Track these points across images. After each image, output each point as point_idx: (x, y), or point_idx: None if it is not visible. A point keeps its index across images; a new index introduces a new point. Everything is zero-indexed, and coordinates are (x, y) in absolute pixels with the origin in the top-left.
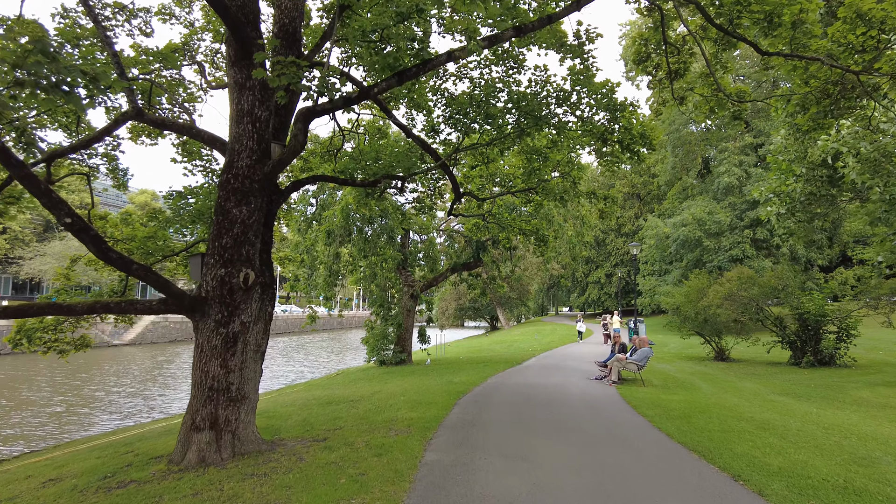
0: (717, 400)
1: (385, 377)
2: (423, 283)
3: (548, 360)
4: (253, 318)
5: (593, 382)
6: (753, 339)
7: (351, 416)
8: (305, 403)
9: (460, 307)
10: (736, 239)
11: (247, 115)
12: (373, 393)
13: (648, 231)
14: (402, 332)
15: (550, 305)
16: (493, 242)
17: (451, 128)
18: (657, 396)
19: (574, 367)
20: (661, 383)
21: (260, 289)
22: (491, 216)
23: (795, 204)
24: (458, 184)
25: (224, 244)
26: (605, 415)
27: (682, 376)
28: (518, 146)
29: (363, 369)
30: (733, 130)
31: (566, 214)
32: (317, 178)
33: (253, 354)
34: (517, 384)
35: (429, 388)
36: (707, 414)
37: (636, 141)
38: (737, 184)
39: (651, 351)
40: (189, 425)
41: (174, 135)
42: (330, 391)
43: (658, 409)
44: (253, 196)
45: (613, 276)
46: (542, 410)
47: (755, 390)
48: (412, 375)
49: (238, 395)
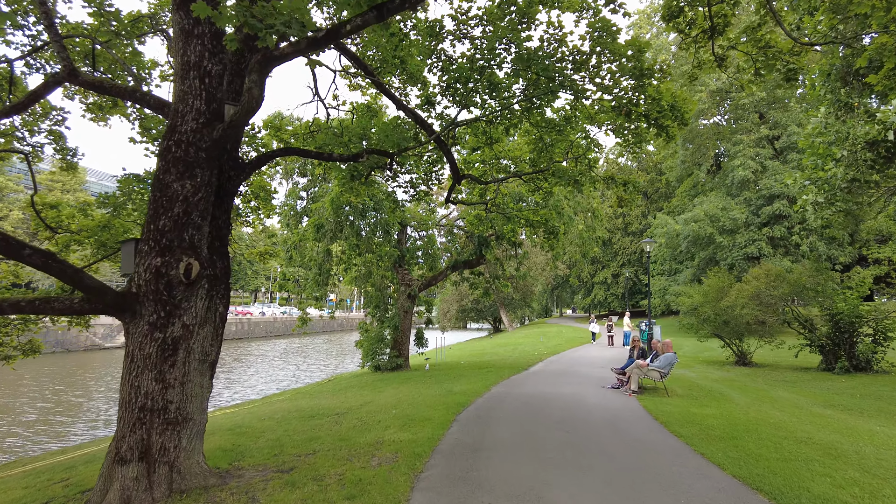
0: (758, 414)
1: (378, 385)
2: (421, 282)
3: (556, 365)
4: (198, 319)
5: (609, 392)
6: (777, 341)
7: (330, 437)
8: (286, 416)
9: (462, 308)
10: (752, 236)
11: (193, 68)
12: (362, 404)
13: (658, 229)
14: (398, 335)
15: (554, 307)
16: (496, 238)
17: (449, 99)
18: (687, 409)
19: (586, 374)
20: (685, 392)
21: (208, 283)
22: (494, 206)
23: (835, 192)
24: (458, 165)
25: (161, 227)
26: (633, 435)
27: (706, 384)
28: (527, 123)
29: (356, 375)
30: (748, 123)
31: (576, 207)
32: (286, 151)
33: (198, 365)
34: (525, 395)
35: (425, 400)
36: (754, 434)
37: (665, 114)
38: (752, 177)
39: (675, 357)
40: (113, 456)
41: (132, 112)
42: (316, 401)
43: (693, 426)
44: (199, 168)
45: (620, 276)
46: (557, 430)
47: (794, 401)
48: (408, 383)
49: (178, 416)
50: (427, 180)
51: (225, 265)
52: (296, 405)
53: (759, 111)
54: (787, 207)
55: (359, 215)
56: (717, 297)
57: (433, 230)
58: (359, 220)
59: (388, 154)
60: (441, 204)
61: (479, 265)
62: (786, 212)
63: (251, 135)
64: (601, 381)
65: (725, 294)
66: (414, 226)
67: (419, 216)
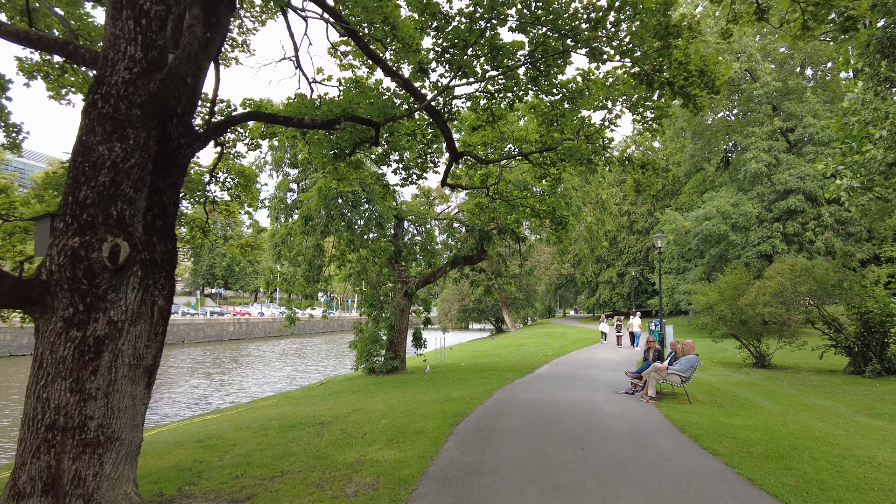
0: (797, 425)
1: (371, 389)
2: (419, 279)
3: (563, 367)
4: (129, 315)
5: (624, 398)
6: (799, 342)
7: (306, 453)
8: (264, 425)
9: (463, 308)
10: (765, 233)
11: (127, 6)
12: (350, 412)
13: (666, 226)
14: (394, 336)
15: (557, 307)
16: (498, 232)
17: (446, 67)
18: (715, 420)
19: (596, 377)
20: (707, 399)
21: (142, 270)
22: (497, 193)
23: (872, 176)
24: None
25: (83, 199)
26: (660, 452)
27: (727, 388)
28: (534, 97)
29: (350, 378)
30: (760, 115)
31: (584, 198)
32: (249, 116)
33: (129, 372)
34: (531, 402)
35: (419, 408)
36: (803, 451)
37: (693, 81)
38: (765, 171)
39: (698, 359)
40: (10, 490)
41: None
42: (301, 408)
43: (728, 441)
44: (132, 127)
45: (626, 275)
46: (570, 446)
47: (832, 409)
48: (404, 387)
49: (100, 435)
50: (422, 163)
51: (167, 249)
52: (279, 412)
53: (771, 102)
54: (802, 202)
55: (350, 206)
56: (734, 295)
57: (432, 223)
58: (351, 212)
59: (371, 123)
60: (440, 195)
61: (481, 261)
62: (801, 207)
63: (227, 112)
64: (613, 385)
65: (743, 292)
66: (411, 220)
67: (417, 209)
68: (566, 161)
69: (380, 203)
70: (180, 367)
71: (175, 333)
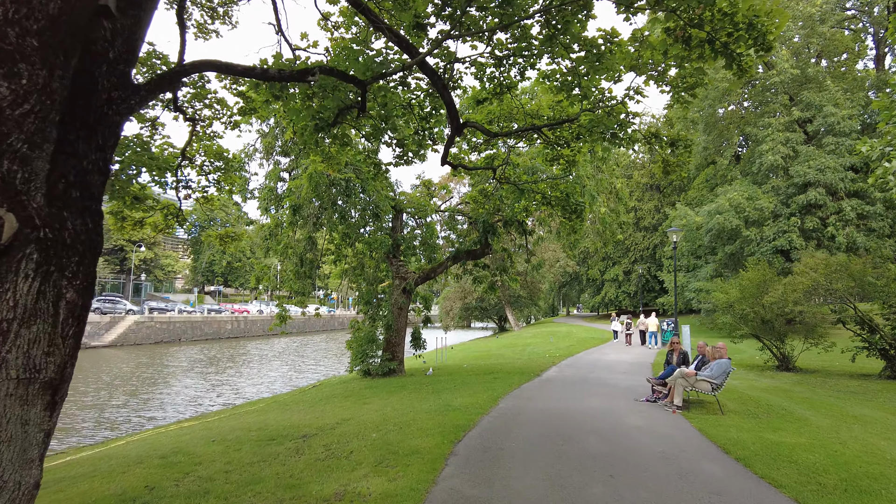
0: (860, 445)
1: (365, 394)
2: (418, 275)
3: (573, 370)
4: (20, 312)
5: (646, 407)
6: (826, 343)
7: (277, 479)
8: (240, 438)
9: (466, 306)
10: (781, 227)
11: None
12: (338, 422)
13: (676, 221)
14: (391, 336)
15: (561, 305)
16: (504, 224)
17: (446, 23)
18: (760, 436)
19: (610, 382)
20: (740, 408)
21: (39, 252)
22: (503, 177)
23: None
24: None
25: None
26: (708, 483)
27: (757, 395)
28: (551, 58)
29: (344, 381)
30: (776, 105)
31: (598, 187)
32: (203, 65)
33: (17, 389)
34: (543, 412)
35: (416, 419)
36: (887, 482)
37: (740, 36)
38: (782, 163)
39: (730, 364)
40: None
41: None
42: (287, 415)
43: (787, 466)
44: (26, 62)
45: (632, 273)
46: (597, 474)
47: (887, 422)
48: (400, 392)
49: None
50: (420, 139)
51: (85, 227)
52: (262, 420)
53: (787, 92)
54: (823, 196)
55: (343, 195)
56: (756, 293)
57: (433, 216)
58: (345, 202)
59: (355, 81)
60: (442, 187)
61: (484, 256)
62: (821, 200)
63: (200, 86)
64: (630, 390)
65: (767, 289)
66: (411, 213)
67: (417, 201)
68: (585, 137)
69: (370, 186)
70: (175, 367)
71: (171, 331)
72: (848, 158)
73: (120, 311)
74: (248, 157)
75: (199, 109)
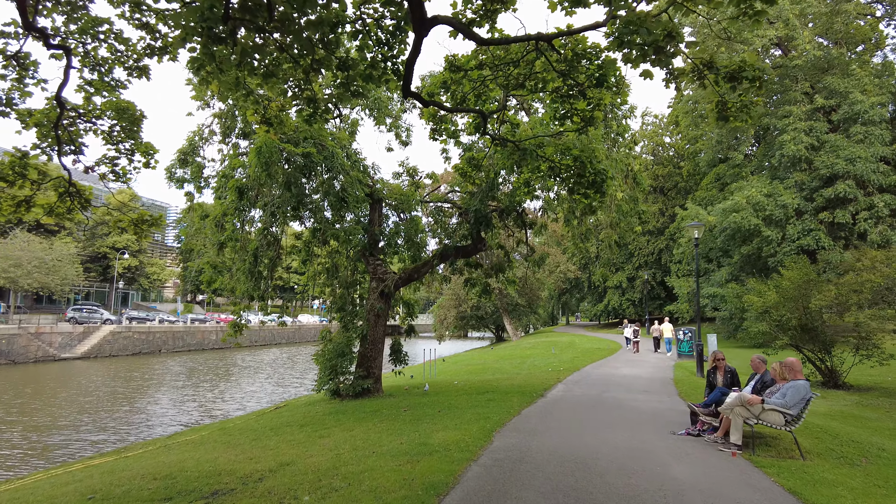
0: None
1: (327, 422)
2: (399, 276)
3: (582, 388)
4: None
5: (690, 444)
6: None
7: None
8: (128, 494)
9: (461, 315)
10: (807, 226)
11: None
12: (273, 469)
13: (687, 221)
14: (366, 348)
15: (560, 314)
16: (500, 213)
17: None
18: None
19: (629, 404)
20: (819, 446)
21: None
22: (497, 140)
23: None
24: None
25: None
26: None
27: (827, 424)
28: None
29: (310, 403)
30: (797, 93)
31: (612, 167)
32: None
33: None
34: (553, 456)
35: (376, 467)
36: None
37: None
38: (805, 154)
39: (809, 389)
40: None
41: None
42: (217, 453)
43: None
44: None
45: (637, 279)
46: None
47: None
48: (371, 419)
49: None
50: (377, 73)
51: None
52: (182, 461)
53: (809, 79)
54: (853, 189)
55: (300, 172)
56: (798, 296)
57: (417, 210)
58: (302, 178)
59: None
60: (429, 176)
61: (477, 253)
62: (852, 194)
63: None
64: (659, 417)
65: (812, 291)
66: (392, 204)
67: (398, 190)
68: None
69: (337, 164)
70: (148, 381)
71: (151, 342)
72: (879, 149)
73: (96, 320)
74: (204, 141)
75: (83, 41)
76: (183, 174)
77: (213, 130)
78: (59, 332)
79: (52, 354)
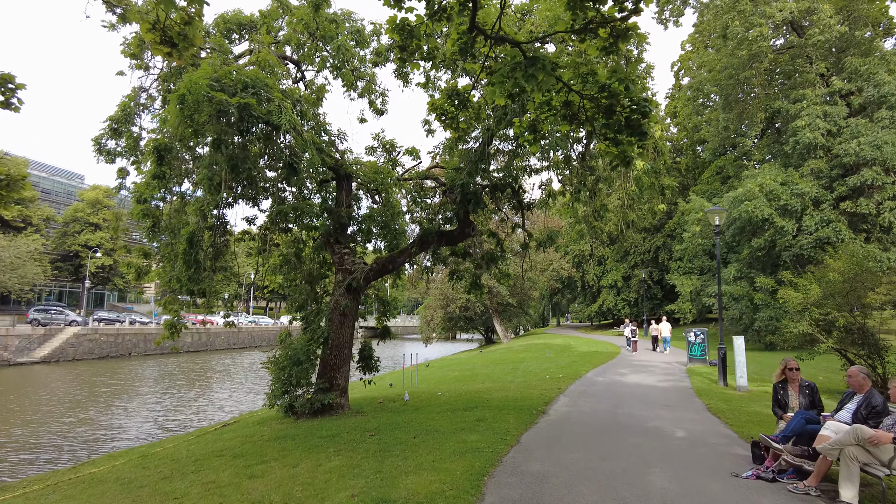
0: None
1: (268, 453)
2: (369, 268)
3: (590, 400)
4: None
5: (773, 498)
6: None
7: None
8: None
9: (449, 316)
10: (824, 216)
11: None
12: None
13: (690, 214)
14: (329, 354)
15: (550, 315)
16: (491, 190)
17: None
18: None
19: (654, 424)
20: None
21: None
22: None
23: None
24: None
25: None
26: None
27: None
28: None
29: (260, 421)
30: (812, 75)
31: None
32: None
33: None
34: None
35: None
36: None
37: None
38: (822, 141)
39: None
40: None
41: None
42: (107, 499)
43: None
44: None
45: (632, 278)
46: None
47: None
48: (325, 450)
49: None
50: None
51: None
52: None
53: (826, 59)
54: (880, 175)
55: (235, 129)
56: (847, 290)
57: (395, 190)
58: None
59: None
60: (408, 152)
61: (465, 239)
62: (879, 181)
63: None
64: (700, 444)
65: (861, 285)
66: (363, 181)
67: (371, 165)
68: None
69: (283, 119)
70: (107, 387)
71: (120, 345)
72: None
73: (60, 322)
74: (141, 108)
75: None
76: (115, 146)
77: (151, 95)
78: (17, 334)
79: (6, 359)
